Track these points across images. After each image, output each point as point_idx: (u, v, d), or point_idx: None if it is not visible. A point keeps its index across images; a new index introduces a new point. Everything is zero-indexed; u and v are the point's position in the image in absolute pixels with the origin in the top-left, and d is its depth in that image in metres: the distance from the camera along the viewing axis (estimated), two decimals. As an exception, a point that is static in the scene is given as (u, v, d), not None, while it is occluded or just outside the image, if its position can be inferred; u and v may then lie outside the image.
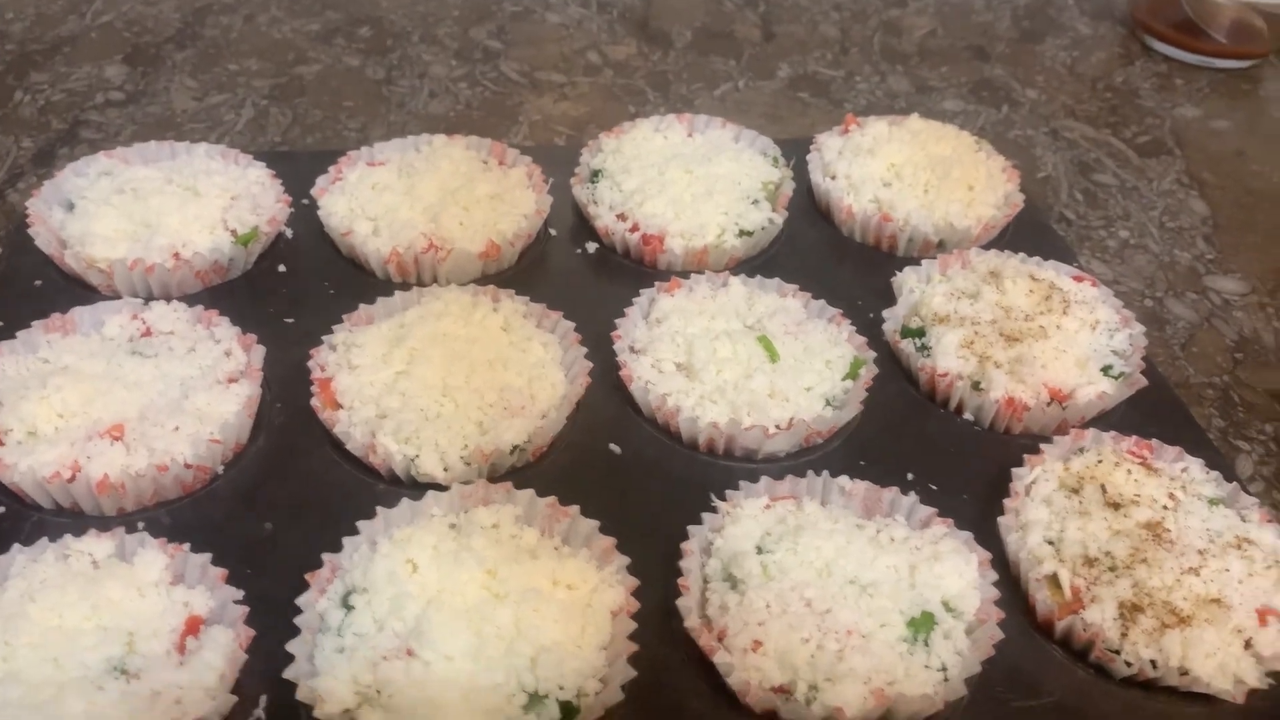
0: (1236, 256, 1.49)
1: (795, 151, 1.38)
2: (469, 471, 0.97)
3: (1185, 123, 1.77)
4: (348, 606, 0.83)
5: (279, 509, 0.96)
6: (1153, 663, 0.86)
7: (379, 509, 0.90)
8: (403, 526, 0.89)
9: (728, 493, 0.96)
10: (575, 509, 0.92)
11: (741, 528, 0.92)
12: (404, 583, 0.83)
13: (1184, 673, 0.86)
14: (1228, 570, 0.91)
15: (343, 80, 1.65)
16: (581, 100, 1.66)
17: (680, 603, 0.87)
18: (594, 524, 0.91)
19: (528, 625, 0.81)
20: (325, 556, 0.87)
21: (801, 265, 1.26)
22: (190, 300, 1.11)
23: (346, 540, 0.88)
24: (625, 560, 0.89)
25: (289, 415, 1.03)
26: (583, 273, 1.24)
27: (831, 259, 1.30)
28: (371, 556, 0.86)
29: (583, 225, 1.29)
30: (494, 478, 0.98)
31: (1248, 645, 0.87)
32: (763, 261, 1.27)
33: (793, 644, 0.83)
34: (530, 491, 0.93)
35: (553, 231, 1.28)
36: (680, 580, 0.88)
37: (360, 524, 0.89)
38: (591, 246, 1.26)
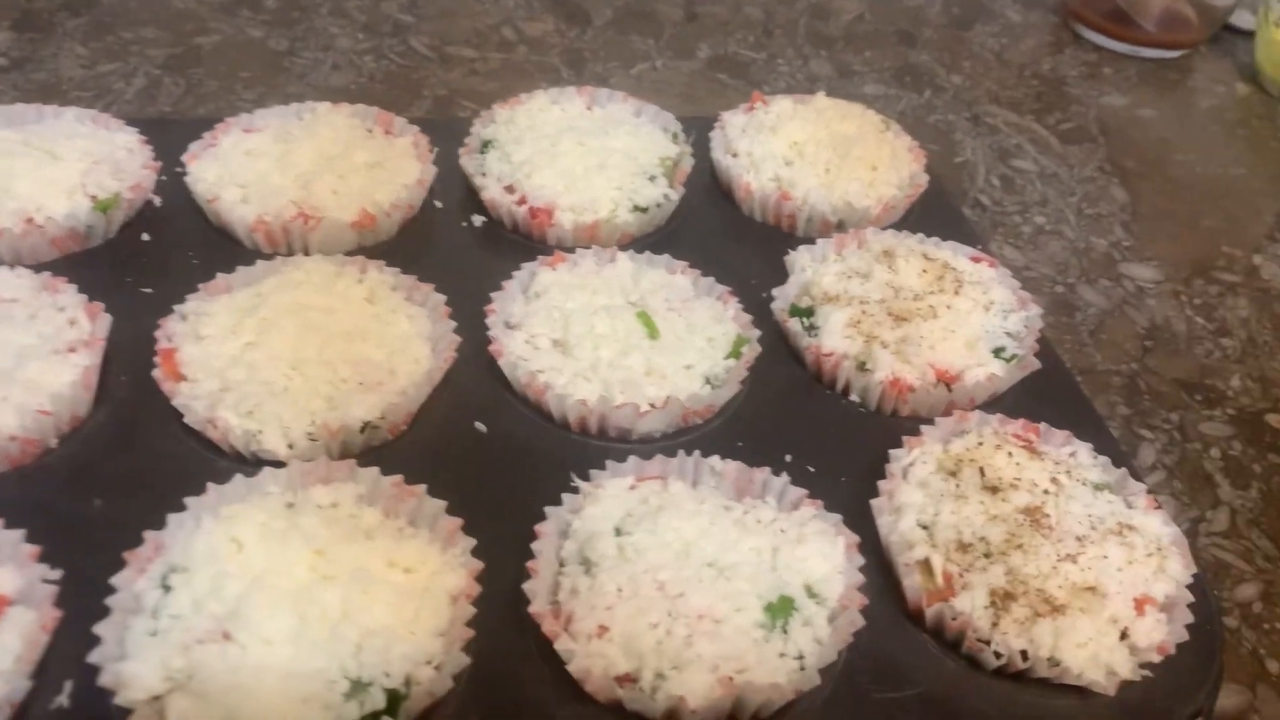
0: (1154, 244, 1.46)
1: (700, 129, 1.34)
2: (316, 449, 0.92)
3: (1111, 111, 1.75)
4: (166, 587, 0.78)
5: (113, 485, 0.90)
6: (1023, 653, 0.82)
7: (210, 485, 0.85)
8: (233, 503, 0.84)
9: (591, 472, 0.92)
10: (422, 488, 0.87)
11: (601, 508, 0.88)
12: (225, 562, 0.78)
13: (1055, 663, 0.82)
14: (1106, 558, 0.87)
15: (242, 51, 1.59)
16: (491, 76, 1.61)
17: (527, 586, 0.82)
18: (441, 504, 0.86)
19: (355, 608, 0.76)
20: (147, 534, 0.81)
21: (698, 243, 1.22)
22: (46, 268, 1.05)
23: (172, 517, 0.83)
24: (471, 543, 0.84)
25: (132, 388, 0.98)
26: (467, 247, 1.19)
27: (729, 238, 1.25)
28: (194, 533, 0.80)
29: (471, 198, 1.24)
30: (349, 457, 0.93)
31: (1124, 635, 0.84)
32: (658, 239, 1.23)
33: (640, 629, 0.78)
34: (375, 470, 0.87)
35: (439, 204, 1.23)
36: (530, 563, 0.83)
37: (188, 500, 0.83)
38: (478, 220, 1.21)
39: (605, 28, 1.77)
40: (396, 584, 0.79)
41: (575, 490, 0.90)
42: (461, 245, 1.19)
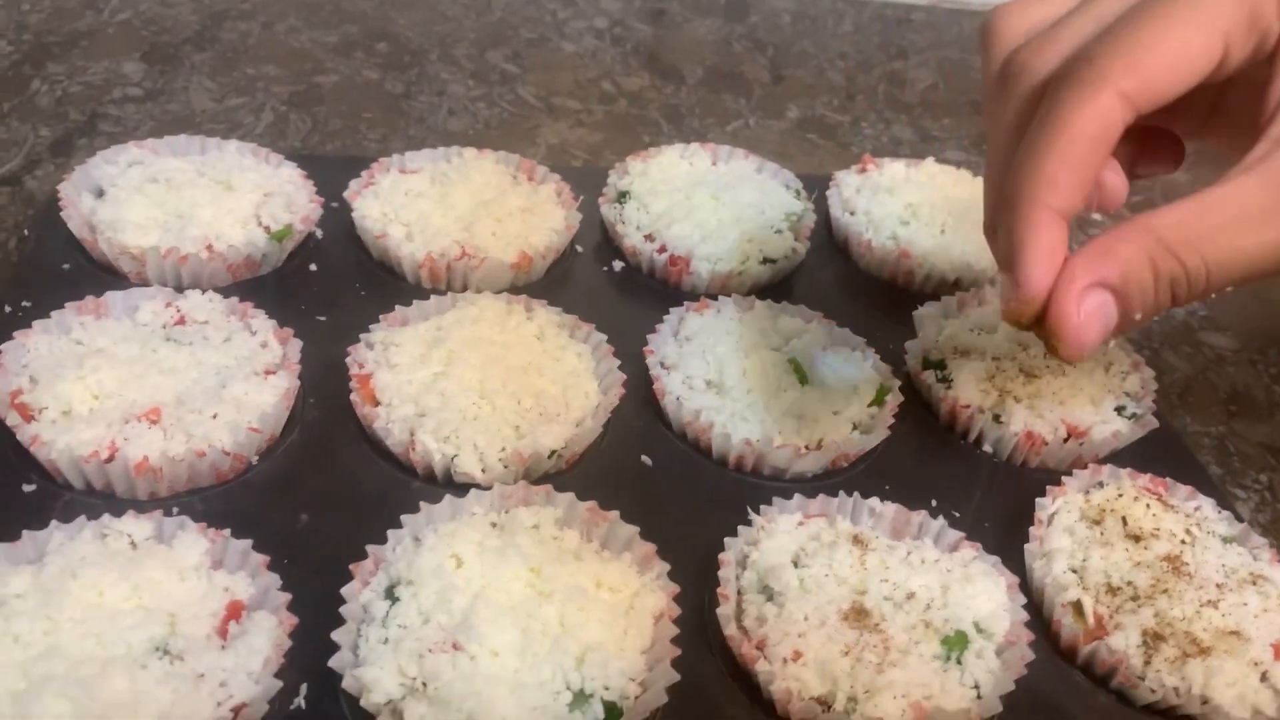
0: (1227, 314, 1.54)
1: (813, 187, 1.41)
2: (505, 474, 0.97)
3: (1177, 187, 1.83)
4: (393, 598, 0.83)
5: (314, 501, 0.95)
6: (1175, 690, 0.88)
7: (423, 504, 0.90)
8: (445, 522, 0.89)
9: (762, 508, 0.97)
10: (615, 514, 0.92)
11: (776, 541, 0.93)
12: (450, 576, 0.83)
13: (1205, 701, 0.88)
14: (1245, 604, 0.93)
15: (362, 92, 1.66)
16: (597, 128, 1.68)
17: (720, 611, 0.87)
18: (634, 529, 0.92)
19: (573, 624, 0.82)
20: (369, 548, 0.87)
21: (820, 296, 1.28)
22: (219, 293, 1.10)
23: (391, 533, 0.88)
24: (666, 566, 0.89)
25: (323, 410, 1.03)
26: (608, 290, 1.26)
27: (849, 292, 1.32)
28: (417, 549, 0.85)
29: (608, 244, 1.30)
30: (529, 482, 0.99)
31: (1264, 677, 0.90)
32: (784, 291, 1.30)
33: (832, 655, 0.84)
34: (570, 495, 0.93)
35: (579, 248, 1.29)
36: (719, 590, 0.89)
37: (404, 518, 0.89)
38: (617, 265, 1.28)
39: (697, 86, 1.85)
40: (605, 602, 0.85)
41: (749, 523, 0.96)
42: (603, 288, 1.25)
